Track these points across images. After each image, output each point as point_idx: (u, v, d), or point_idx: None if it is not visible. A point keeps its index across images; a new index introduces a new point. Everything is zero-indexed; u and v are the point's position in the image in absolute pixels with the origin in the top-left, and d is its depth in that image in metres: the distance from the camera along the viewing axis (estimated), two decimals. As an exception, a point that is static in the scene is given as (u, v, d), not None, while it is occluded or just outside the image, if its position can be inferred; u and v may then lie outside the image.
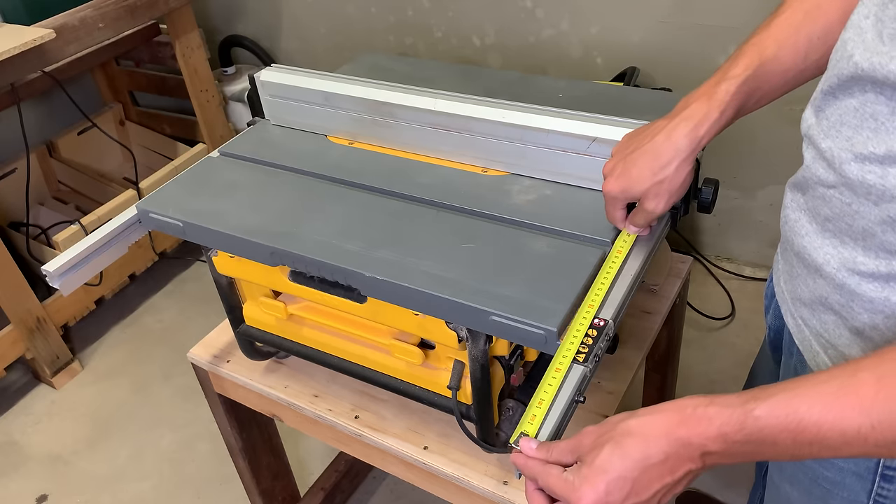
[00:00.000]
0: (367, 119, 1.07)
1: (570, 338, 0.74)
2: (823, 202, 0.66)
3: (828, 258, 0.66)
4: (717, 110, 0.76)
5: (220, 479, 1.77)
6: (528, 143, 0.96)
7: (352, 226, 0.92)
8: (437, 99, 1.02)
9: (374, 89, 1.06)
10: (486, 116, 0.98)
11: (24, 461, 1.90)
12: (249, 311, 1.08)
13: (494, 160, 1.01)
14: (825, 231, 0.66)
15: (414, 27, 2.32)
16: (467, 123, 1.00)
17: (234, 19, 2.67)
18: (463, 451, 0.98)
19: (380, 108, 1.05)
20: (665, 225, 0.90)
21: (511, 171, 1.00)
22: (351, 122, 1.09)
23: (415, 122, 1.04)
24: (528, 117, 0.96)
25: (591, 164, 0.92)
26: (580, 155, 0.93)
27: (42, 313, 2.00)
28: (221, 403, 1.25)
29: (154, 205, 1.00)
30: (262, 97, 1.17)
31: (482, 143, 1.00)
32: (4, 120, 2.11)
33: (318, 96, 1.10)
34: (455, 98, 1.02)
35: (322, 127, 1.13)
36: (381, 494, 1.70)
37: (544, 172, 0.98)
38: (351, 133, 1.11)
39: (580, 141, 0.93)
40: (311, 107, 1.12)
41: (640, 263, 0.84)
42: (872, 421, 0.52)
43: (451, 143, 1.02)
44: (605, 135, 0.91)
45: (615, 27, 1.99)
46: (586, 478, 0.60)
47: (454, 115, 1.00)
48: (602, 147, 0.91)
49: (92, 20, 1.89)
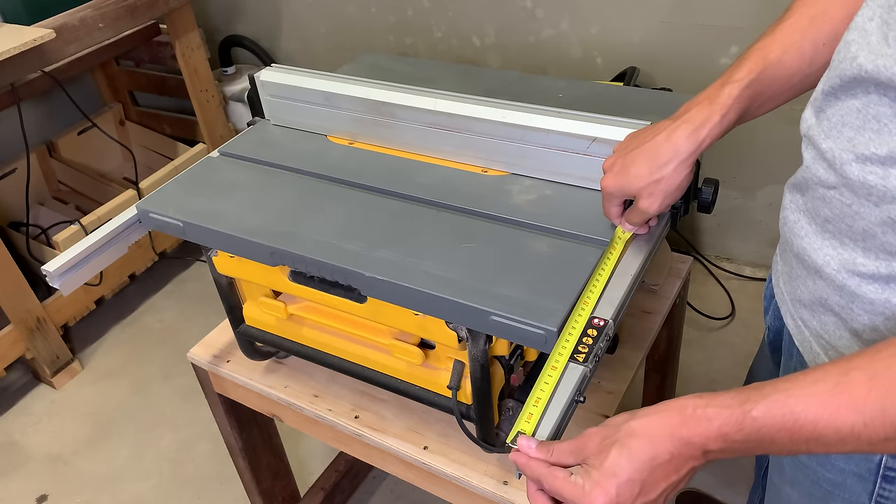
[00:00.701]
0: (367, 119, 1.07)
1: (566, 336, 0.74)
2: (823, 203, 0.66)
3: (828, 259, 0.66)
4: (718, 114, 0.77)
5: (220, 479, 1.77)
6: (528, 143, 0.96)
7: (352, 226, 0.92)
8: (437, 99, 1.02)
9: (375, 89, 1.06)
10: (487, 116, 0.98)
11: (24, 461, 1.90)
12: (249, 311, 1.08)
13: (495, 160, 1.01)
14: (825, 232, 0.66)
15: (414, 27, 2.32)
16: (467, 123, 1.00)
17: (234, 19, 2.67)
18: (463, 451, 0.98)
19: (380, 108, 1.05)
20: (665, 225, 0.90)
21: (511, 171, 1.00)
22: (351, 122, 1.09)
23: (415, 122, 1.04)
24: (529, 117, 0.96)
25: (592, 164, 0.92)
26: (580, 155, 0.94)
27: (42, 313, 2.00)
28: (221, 403, 1.25)
29: (154, 205, 1.00)
30: (262, 97, 1.17)
31: (482, 143, 1.00)
32: (4, 120, 2.11)
33: (319, 96, 1.10)
34: (455, 98, 1.02)
35: (322, 127, 1.13)
36: (381, 494, 1.70)
37: (544, 172, 0.98)
38: (351, 133, 1.11)
39: (580, 141, 0.93)
40: (311, 107, 1.12)
41: (640, 263, 0.84)
42: (865, 419, 0.53)
43: (451, 143, 1.02)
44: (605, 135, 0.91)
45: (615, 27, 1.99)
46: (597, 482, 0.61)
47: (454, 115, 1.00)
48: (602, 147, 0.91)
49: (92, 20, 1.89)
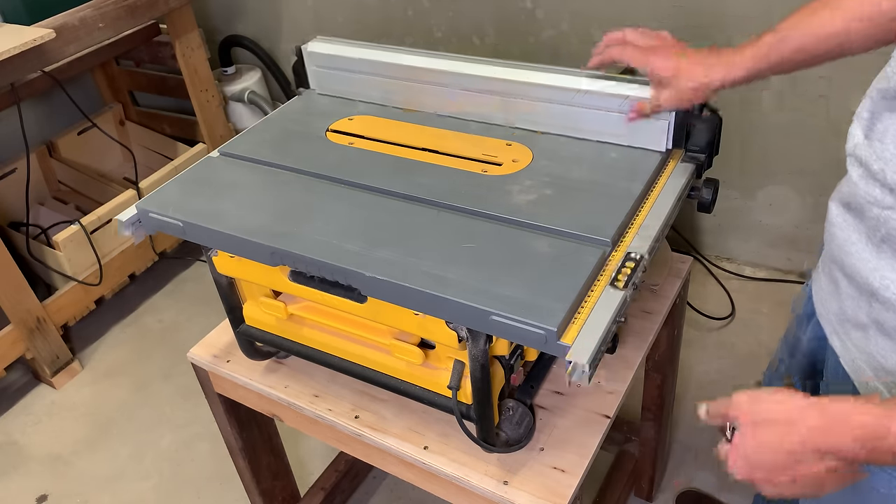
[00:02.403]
0: (409, 85, 1.15)
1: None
2: (879, 223, 0.64)
3: (885, 282, 0.64)
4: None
5: (220, 479, 1.77)
6: (563, 103, 1.04)
7: (352, 226, 0.93)
8: (476, 64, 1.10)
9: (416, 56, 1.14)
10: (524, 79, 1.05)
11: (24, 461, 1.90)
12: (249, 311, 1.08)
13: (528, 120, 1.08)
14: (881, 253, 0.65)
15: (414, 27, 2.32)
16: (506, 86, 1.07)
17: (234, 19, 2.67)
18: (463, 451, 0.98)
19: (421, 74, 1.13)
20: (686, 186, 0.96)
21: (543, 130, 1.08)
22: (394, 88, 1.16)
23: (455, 87, 1.11)
24: (564, 79, 1.04)
25: (621, 121, 1.00)
26: (614, 112, 1.01)
27: (42, 313, 2.00)
28: (221, 403, 1.25)
29: (154, 205, 1.00)
30: (309, 67, 1.24)
31: (518, 104, 1.07)
32: (4, 120, 2.11)
33: (364, 65, 1.17)
34: (494, 63, 1.09)
35: (366, 94, 1.20)
36: (381, 494, 1.70)
37: (574, 130, 1.06)
38: (392, 99, 1.18)
39: (613, 100, 1.01)
40: (356, 75, 1.19)
41: (672, 203, 0.93)
42: None
43: (489, 106, 1.10)
44: (635, 93, 0.98)
45: (615, 27, 1.98)
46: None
47: (494, 78, 1.07)
48: (626, 104, 0.99)
49: (92, 20, 1.89)
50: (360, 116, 1.17)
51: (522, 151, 1.04)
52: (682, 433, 1.74)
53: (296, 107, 1.23)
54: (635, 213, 0.92)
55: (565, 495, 0.91)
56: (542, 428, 1.00)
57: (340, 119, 1.16)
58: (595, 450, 0.97)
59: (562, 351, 0.75)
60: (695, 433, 1.73)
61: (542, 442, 0.99)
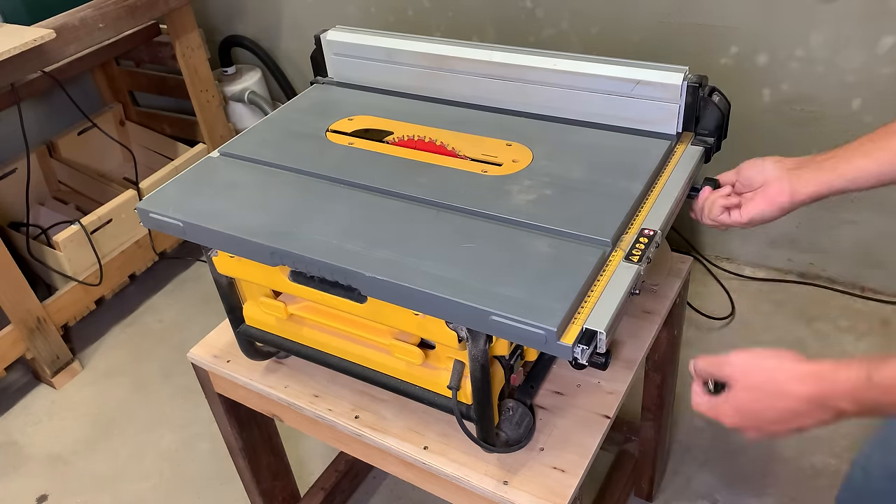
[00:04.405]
0: (426, 72, 1.18)
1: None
2: None
3: None
4: None
5: (220, 479, 1.77)
6: (575, 88, 1.06)
7: (352, 226, 0.93)
8: (492, 51, 1.12)
9: (433, 44, 1.17)
10: (539, 65, 1.08)
11: (24, 461, 1.90)
12: (249, 311, 1.08)
13: (546, 105, 1.11)
14: None
15: (414, 27, 2.32)
16: (521, 72, 1.10)
17: (234, 19, 2.67)
18: (463, 451, 0.98)
19: (438, 61, 1.16)
20: (699, 162, 1.02)
21: (561, 116, 1.10)
22: (411, 75, 1.19)
23: (471, 74, 1.14)
24: (577, 64, 1.06)
25: (635, 105, 1.03)
26: (625, 97, 1.03)
27: (42, 313, 2.00)
28: (221, 403, 1.25)
29: (154, 205, 1.00)
30: (327, 56, 1.26)
31: (535, 90, 1.10)
32: (4, 120, 2.11)
33: (381, 53, 1.19)
34: (509, 50, 1.12)
35: (384, 82, 1.22)
36: (381, 494, 1.70)
37: (592, 115, 1.08)
38: (411, 86, 1.20)
39: (625, 84, 1.03)
40: (373, 63, 1.21)
41: (684, 182, 0.97)
42: None
43: (505, 92, 1.13)
44: (649, 78, 1.01)
45: (615, 27, 1.99)
46: None
47: (509, 64, 1.10)
48: (644, 89, 1.02)
49: (92, 20, 1.89)
50: (360, 116, 1.17)
51: (522, 151, 1.04)
52: (682, 433, 1.74)
53: (298, 105, 1.23)
54: (635, 213, 0.92)
55: (565, 495, 0.92)
56: (542, 428, 1.00)
57: (340, 119, 1.16)
58: (595, 450, 0.97)
59: (562, 351, 0.75)
60: (695, 433, 1.73)
61: (542, 442, 0.99)
